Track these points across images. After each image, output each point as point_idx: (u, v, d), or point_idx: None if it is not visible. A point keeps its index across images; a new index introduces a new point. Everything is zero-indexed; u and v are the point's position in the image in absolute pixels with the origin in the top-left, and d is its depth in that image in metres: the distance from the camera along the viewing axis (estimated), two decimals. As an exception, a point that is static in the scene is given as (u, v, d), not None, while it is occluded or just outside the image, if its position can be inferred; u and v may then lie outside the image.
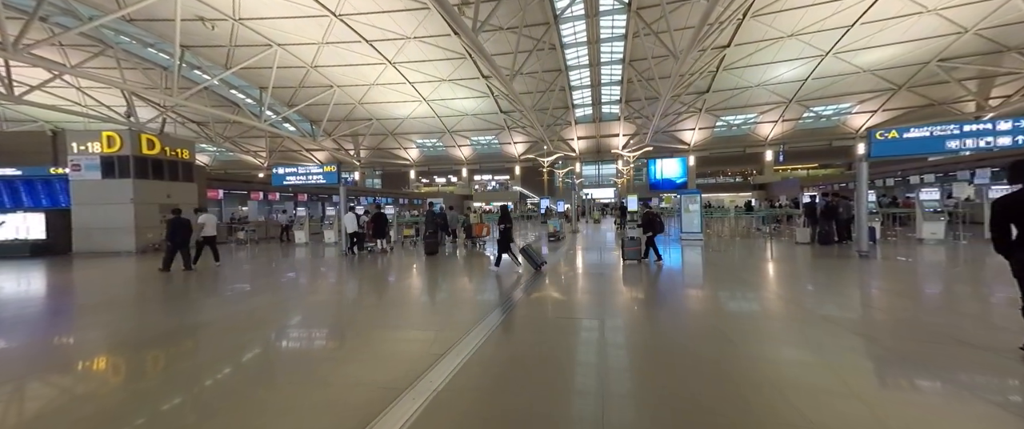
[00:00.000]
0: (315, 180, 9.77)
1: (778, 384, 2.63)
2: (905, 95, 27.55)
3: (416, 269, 7.90)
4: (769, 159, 36.33)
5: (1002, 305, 4.29)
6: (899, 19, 19.93)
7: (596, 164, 45.42)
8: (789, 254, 7.90)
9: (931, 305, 4.67)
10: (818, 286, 5.43)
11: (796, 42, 22.78)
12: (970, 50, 22.13)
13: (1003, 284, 4.96)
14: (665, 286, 5.80)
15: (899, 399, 2.45)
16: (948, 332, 3.49)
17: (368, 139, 39.96)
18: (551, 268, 7.41)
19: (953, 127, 5.82)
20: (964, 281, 5.74)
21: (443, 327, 4.00)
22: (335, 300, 5.50)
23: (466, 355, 3.21)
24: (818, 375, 2.78)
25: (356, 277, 7.27)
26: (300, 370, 3.13)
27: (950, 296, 4.95)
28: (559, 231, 12.49)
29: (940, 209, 8.98)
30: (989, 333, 3.50)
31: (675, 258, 8.53)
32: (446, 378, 2.80)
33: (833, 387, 2.59)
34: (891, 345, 3.28)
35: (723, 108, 32.46)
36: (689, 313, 4.45)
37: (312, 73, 25.98)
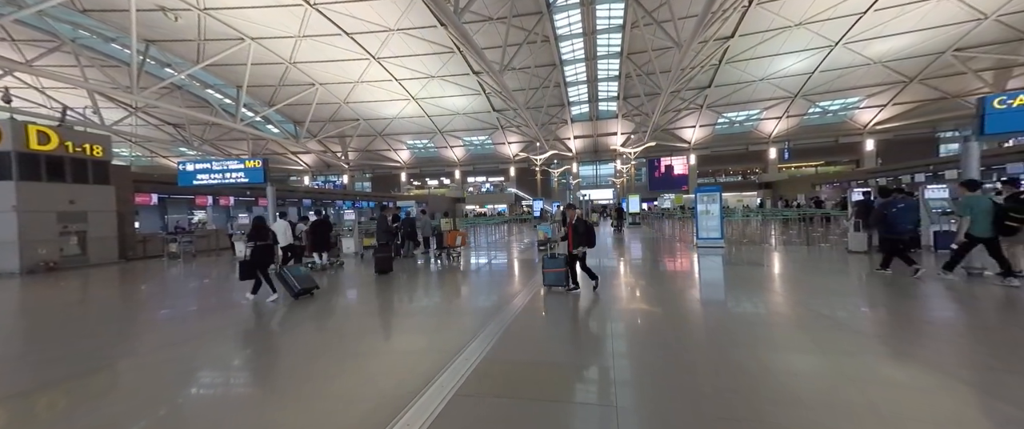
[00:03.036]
0: (235, 178, 7.77)
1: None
2: (916, 88, 26.35)
3: (345, 301, 5.86)
4: (773, 157, 35.06)
5: None
6: (916, 4, 18.66)
7: (594, 164, 44.03)
8: (866, 277, 5.81)
9: None
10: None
11: (804, 32, 21.49)
12: (989, 39, 20.93)
13: None
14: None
15: None
16: None
17: (356, 140, 38.34)
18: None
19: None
20: None
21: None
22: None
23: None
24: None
25: (237, 321, 4.84)
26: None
27: None
28: (551, 238, 10.77)
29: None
30: None
31: (686, 280, 6.97)
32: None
33: None
34: None
35: (725, 104, 31.17)
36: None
37: (292, 70, 24.39)
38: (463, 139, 40.08)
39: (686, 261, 8.69)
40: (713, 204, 9.77)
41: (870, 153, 31.49)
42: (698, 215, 9.99)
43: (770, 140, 34.65)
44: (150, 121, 31.16)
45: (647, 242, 13.02)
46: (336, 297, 6.11)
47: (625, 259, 9.21)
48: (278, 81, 25.20)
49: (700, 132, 36.22)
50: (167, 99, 24.87)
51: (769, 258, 8.24)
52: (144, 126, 31.09)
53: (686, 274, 7.17)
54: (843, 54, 23.26)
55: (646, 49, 21.96)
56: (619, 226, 17.89)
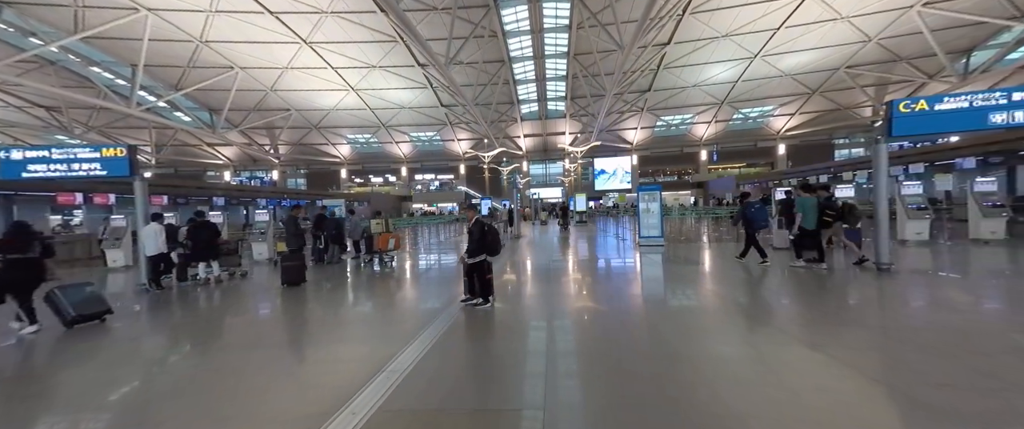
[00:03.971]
0: (87, 170, 6.09)
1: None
2: (817, 99, 30.06)
3: (221, 329, 4.59)
4: (704, 158, 38.06)
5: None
6: (817, 24, 21.11)
7: (544, 163, 44.58)
8: (793, 272, 6.25)
9: None
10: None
11: (730, 43, 23.39)
12: (871, 58, 24.40)
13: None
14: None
15: None
16: None
17: (287, 133, 34.91)
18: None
19: (999, 94, 4.85)
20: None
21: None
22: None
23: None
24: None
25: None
26: None
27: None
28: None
29: (924, 205, 8.56)
30: None
31: (626, 279, 6.95)
32: None
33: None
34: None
35: (663, 108, 33.12)
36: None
37: (204, 50, 21.33)
38: (410, 134, 38.35)
39: (627, 262, 8.77)
40: (653, 203, 10.04)
41: (782, 156, 35.45)
42: (640, 214, 10.20)
43: (701, 143, 37.56)
44: (11, 102, 25.53)
45: (591, 241, 13.19)
46: (167, 325, 4.78)
47: (565, 260, 9.07)
48: (187, 62, 21.94)
49: (641, 134, 38.20)
50: (35, 76, 20.46)
51: (702, 255, 8.59)
52: (3, 107, 25.43)
53: (626, 278, 7.13)
54: (761, 66, 25.76)
55: (591, 51, 22.51)
56: (565, 225, 18.05)
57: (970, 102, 4.66)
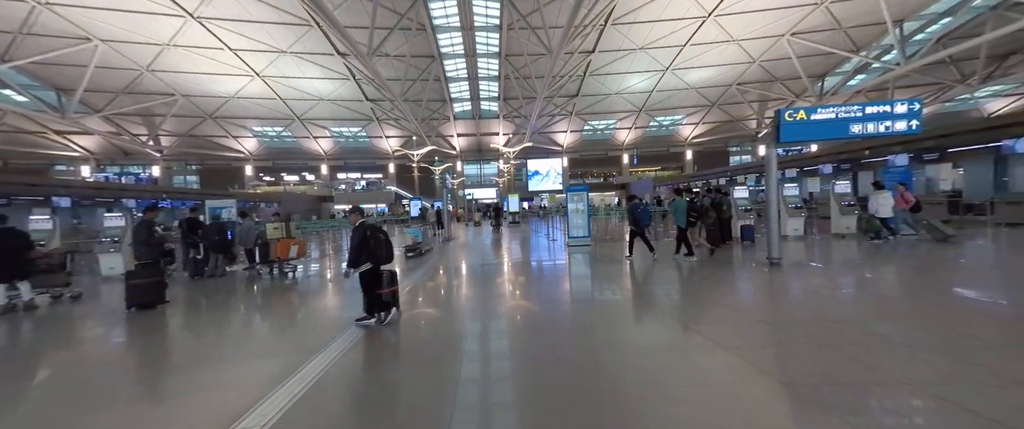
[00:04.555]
0: None
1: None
2: (716, 111, 34.28)
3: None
4: (625, 162, 41.09)
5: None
6: (715, 44, 23.97)
7: (478, 163, 44.21)
8: (701, 266, 6.91)
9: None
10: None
11: (645, 56, 25.44)
12: (755, 77, 28.49)
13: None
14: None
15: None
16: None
17: (173, 122, 29.56)
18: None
19: (857, 108, 5.73)
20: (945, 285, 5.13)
21: None
22: None
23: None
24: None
25: None
26: None
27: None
28: (420, 242, 9.68)
29: (800, 205, 10.01)
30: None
31: (551, 282, 6.99)
32: None
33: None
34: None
35: (590, 113, 34.94)
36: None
37: (44, 13, 16.94)
38: (330, 129, 35.16)
39: (555, 263, 8.83)
40: (581, 203, 10.32)
41: (689, 161, 39.80)
42: (569, 214, 10.41)
43: (623, 147, 40.49)
44: None
45: (521, 242, 13.20)
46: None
47: (492, 263, 8.86)
48: (18, 28, 17.27)
49: (570, 137, 39.90)
50: None
51: (622, 254, 8.99)
52: None
53: (552, 281, 7.11)
54: (671, 78, 28.52)
55: (523, 53, 22.79)
56: (497, 226, 17.94)
57: (836, 114, 5.51)
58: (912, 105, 5.37)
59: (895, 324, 3.63)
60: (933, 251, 7.22)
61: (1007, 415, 2.01)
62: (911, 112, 5.33)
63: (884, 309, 4.14)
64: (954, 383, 2.38)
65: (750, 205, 9.25)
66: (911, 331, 3.43)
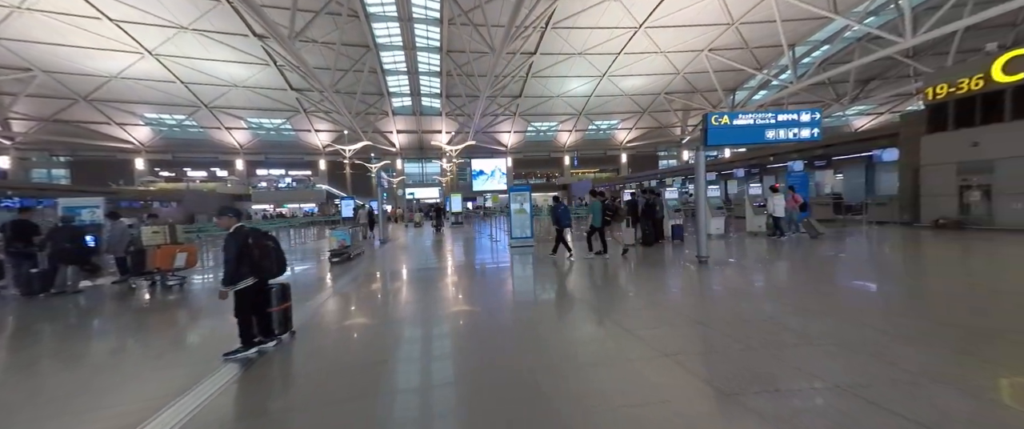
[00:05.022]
0: None
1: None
2: (647, 117, 36.84)
3: None
4: (567, 163, 42.44)
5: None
6: (645, 54, 25.64)
7: (420, 161, 42.59)
8: (640, 265, 7.12)
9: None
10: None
11: (584, 61, 26.39)
12: (680, 88, 31.09)
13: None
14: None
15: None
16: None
17: (32, 104, 24.09)
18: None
19: (771, 115, 6.26)
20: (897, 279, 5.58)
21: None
22: None
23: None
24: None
25: None
26: None
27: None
28: (348, 246, 8.80)
29: (721, 206, 10.89)
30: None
31: (489, 289, 6.72)
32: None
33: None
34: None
35: (533, 114, 35.43)
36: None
37: None
38: (247, 120, 31.32)
39: (496, 266, 8.56)
40: (524, 203, 10.18)
41: (625, 164, 42.33)
42: (512, 214, 10.21)
43: (565, 149, 41.77)
44: None
45: (462, 244, 12.77)
46: None
47: (426, 268, 8.35)
48: None
49: (514, 137, 40.14)
50: None
51: (563, 253, 9.01)
52: None
53: (490, 288, 6.83)
54: (608, 84, 29.98)
55: (465, 50, 22.25)
56: (439, 226, 17.25)
57: (754, 120, 6.01)
58: (814, 114, 6.06)
59: (809, 319, 3.90)
60: (815, 247, 8.32)
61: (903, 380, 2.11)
62: (813, 121, 6.02)
63: (799, 304, 4.49)
64: (870, 378, 2.50)
65: (679, 205, 9.87)
66: (830, 327, 3.69)
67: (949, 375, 2.59)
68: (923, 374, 2.59)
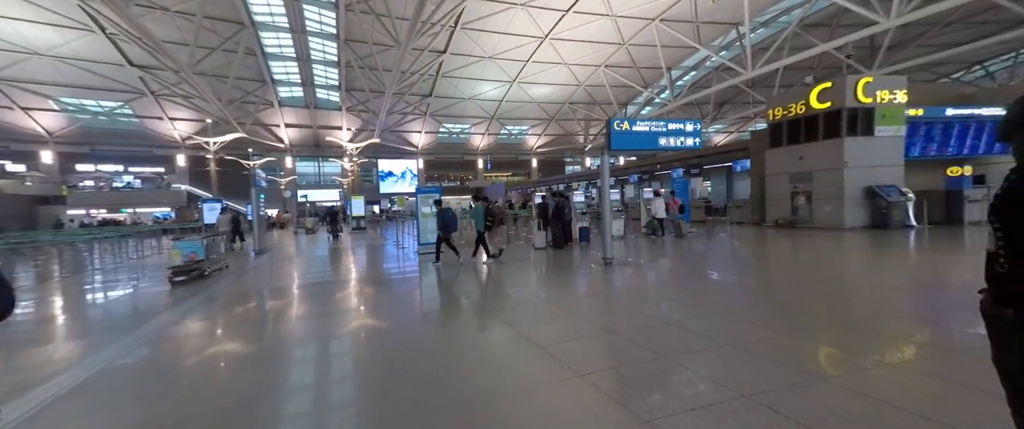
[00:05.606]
0: None
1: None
2: (554, 125, 38.92)
3: None
4: (480, 166, 42.37)
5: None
6: (551, 65, 26.97)
7: (316, 160, 37.97)
8: (552, 268, 7.03)
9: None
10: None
11: (494, 65, 26.57)
12: (582, 99, 33.54)
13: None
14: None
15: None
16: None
17: None
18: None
19: (663, 124, 6.68)
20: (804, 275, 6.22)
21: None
22: None
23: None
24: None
25: None
26: None
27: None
28: (201, 260, 6.99)
29: (620, 209, 11.65)
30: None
31: (395, 306, 5.98)
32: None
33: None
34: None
35: (444, 115, 34.44)
36: None
37: None
38: (58, 99, 23.90)
39: (401, 276, 7.71)
40: (434, 206, 9.42)
41: (535, 168, 44.05)
42: (420, 218, 9.36)
43: (478, 152, 41.64)
44: None
45: (362, 252, 11.42)
46: None
47: (312, 282, 7.13)
48: None
49: (426, 138, 38.54)
50: None
51: (480, 259, 8.57)
52: None
53: (394, 307, 6.04)
54: (518, 90, 30.75)
55: (367, 41, 20.35)
56: (336, 232, 15.29)
57: (650, 127, 6.43)
58: (696, 125, 6.78)
59: (706, 320, 4.10)
60: (693, 244, 9.47)
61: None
62: (695, 131, 6.73)
63: (695, 303, 4.77)
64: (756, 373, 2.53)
65: (585, 209, 10.30)
66: (722, 327, 3.87)
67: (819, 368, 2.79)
68: (817, 374, 2.74)
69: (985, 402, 2.18)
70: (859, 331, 3.54)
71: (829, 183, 11.14)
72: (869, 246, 8.29)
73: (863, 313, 4.07)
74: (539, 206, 9.20)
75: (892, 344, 3.25)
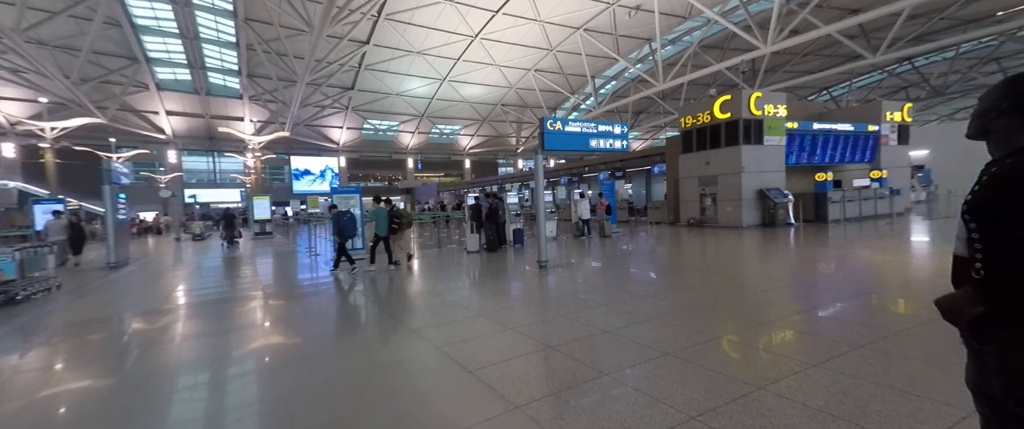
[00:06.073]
0: None
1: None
2: (487, 126, 38.71)
3: None
4: (411, 166, 40.38)
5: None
6: (482, 66, 26.67)
7: (210, 155, 32.63)
8: (485, 274, 6.54)
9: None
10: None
11: (423, 61, 25.41)
12: (514, 102, 33.83)
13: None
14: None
15: None
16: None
17: None
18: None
19: (593, 126, 6.63)
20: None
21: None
22: None
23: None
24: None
25: None
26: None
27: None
28: (11, 280, 5.23)
29: (553, 210, 11.64)
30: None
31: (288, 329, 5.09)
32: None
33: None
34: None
35: (370, 111, 32.08)
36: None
37: None
38: None
39: (304, 294, 6.66)
40: (354, 208, 8.36)
41: (468, 169, 43.36)
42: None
43: (408, 151, 39.61)
44: None
45: (265, 261, 9.82)
46: None
47: (181, 304, 5.81)
48: None
49: (348, 134, 35.51)
50: None
51: (400, 271, 7.82)
52: None
53: (273, 333, 5.10)
54: (448, 89, 29.86)
55: (273, 23, 17.83)
56: (231, 239, 13.05)
57: (581, 128, 6.38)
58: (623, 128, 6.94)
59: (642, 328, 4.02)
60: (619, 244, 9.87)
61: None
62: (623, 135, 6.91)
63: (631, 308, 4.72)
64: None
65: (519, 210, 10.10)
66: (666, 333, 3.80)
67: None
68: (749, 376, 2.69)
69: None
70: (788, 331, 3.74)
71: (730, 186, 12.54)
72: (767, 243, 9.38)
73: (783, 312, 4.37)
74: (472, 207, 8.72)
75: (808, 343, 3.46)
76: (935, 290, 1.39)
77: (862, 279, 5.62)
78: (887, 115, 14.56)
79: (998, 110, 1.01)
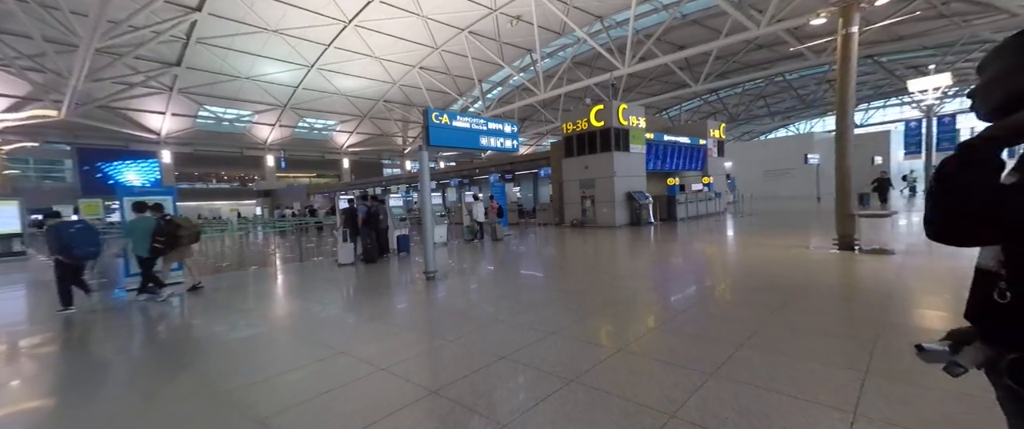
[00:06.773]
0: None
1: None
2: (368, 123, 35.24)
3: None
4: (272, 164, 33.95)
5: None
6: (359, 55, 24.06)
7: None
8: (358, 291, 5.34)
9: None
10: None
11: (283, 43, 21.53)
12: (398, 98, 31.60)
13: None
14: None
15: None
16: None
17: None
18: None
19: (483, 123, 6.04)
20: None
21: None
22: None
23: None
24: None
25: None
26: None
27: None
28: None
29: (444, 214, 10.73)
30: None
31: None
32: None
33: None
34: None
35: (205, 94, 25.67)
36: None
37: None
38: None
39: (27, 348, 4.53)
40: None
41: (347, 169, 38.78)
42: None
43: (267, 146, 33.20)
44: None
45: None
46: None
47: None
48: None
49: (176, 122, 27.76)
50: None
51: (240, 280, 6.07)
52: None
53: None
54: (318, 78, 26.04)
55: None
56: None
57: (470, 124, 5.85)
58: (514, 127, 6.70)
59: (552, 349, 3.65)
60: (510, 247, 9.81)
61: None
62: (513, 134, 6.65)
63: (535, 323, 4.33)
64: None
65: (404, 214, 9.00)
66: (567, 355, 3.46)
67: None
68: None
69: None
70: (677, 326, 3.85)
71: (605, 189, 13.85)
72: (639, 240, 10.49)
73: (665, 308, 4.59)
74: (345, 211, 7.29)
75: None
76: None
77: (704, 265, 6.56)
78: (711, 132, 18.33)
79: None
